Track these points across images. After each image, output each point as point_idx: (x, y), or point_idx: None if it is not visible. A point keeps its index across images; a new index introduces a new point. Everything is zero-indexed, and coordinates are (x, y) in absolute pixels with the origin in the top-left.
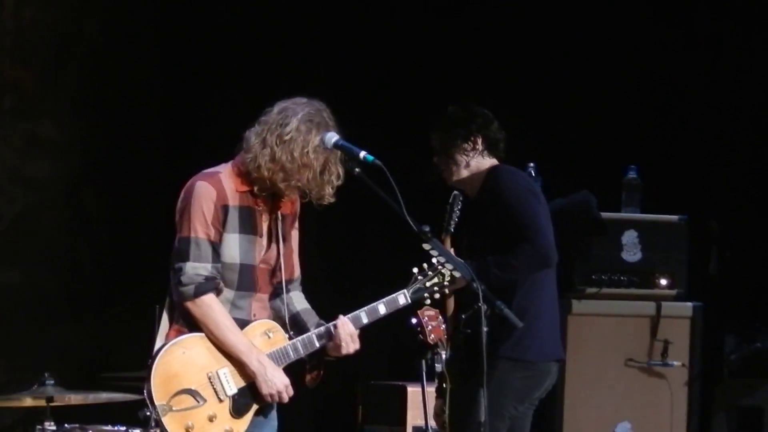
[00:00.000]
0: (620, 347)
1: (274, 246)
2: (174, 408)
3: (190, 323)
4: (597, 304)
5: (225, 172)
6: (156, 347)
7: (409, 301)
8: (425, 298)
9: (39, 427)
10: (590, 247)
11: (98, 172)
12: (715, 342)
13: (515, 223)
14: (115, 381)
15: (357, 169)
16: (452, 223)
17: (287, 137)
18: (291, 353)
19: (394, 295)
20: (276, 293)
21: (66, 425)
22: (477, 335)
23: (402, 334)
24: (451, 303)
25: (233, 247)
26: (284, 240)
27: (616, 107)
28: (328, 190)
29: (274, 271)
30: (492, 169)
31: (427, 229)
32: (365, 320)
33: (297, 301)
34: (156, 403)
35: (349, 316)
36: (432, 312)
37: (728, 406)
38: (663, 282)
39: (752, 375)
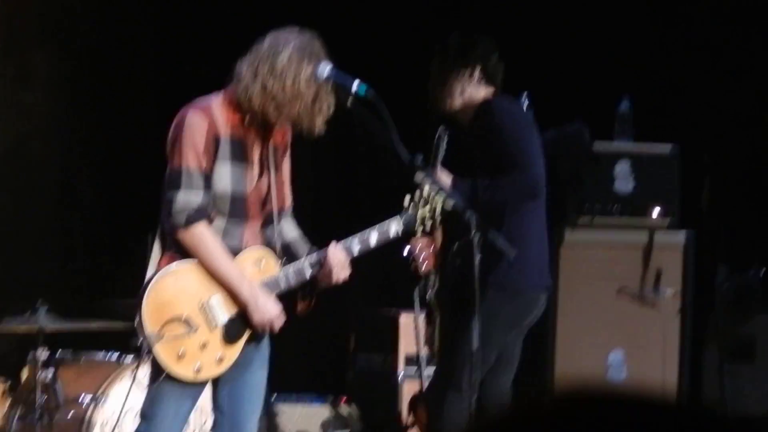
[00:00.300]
0: (613, 276)
1: (265, 175)
2: (165, 336)
3: (182, 251)
4: (590, 234)
5: (216, 102)
6: (148, 275)
7: (401, 229)
8: (417, 227)
9: (31, 353)
10: (583, 177)
11: (90, 100)
12: (708, 271)
13: (507, 152)
14: (108, 308)
15: (350, 100)
16: (438, 157)
17: (279, 68)
18: (282, 282)
19: (386, 223)
20: (268, 222)
21: (59, 352)
22: (468, 264)
23: (395, 262)
24: (439, 233)
25: (225, 176)
26: (276, 169)
27: (610, 35)
28: (319, 121)
29: (265, 200)
30: (486, 99)
31: (420, 159)
32: (357, 248)
33: (288, 229)
34: (147, 331)
35: (341, 244)
36: (425, 240)
37: (720, 334)
38: (655, 211)
39: (744, 303)
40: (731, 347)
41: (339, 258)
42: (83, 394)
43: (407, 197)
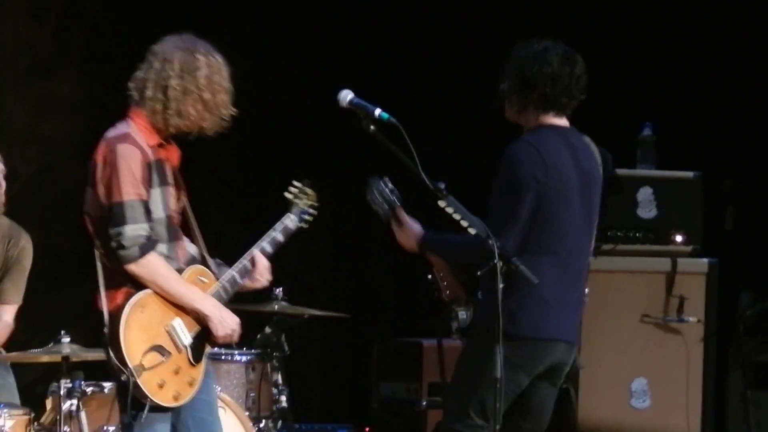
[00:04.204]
0: (636, 304)
1: (180, 194)
2: (146, 366)
3: (137, 284)
4: (613, 261)
5: (132, 130)
6: (107, 313)
7: (298, 222)
8: (307, 220)
9: (54, 384)
10: (606, 204)
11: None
12: (731, 298)
13: (491, 204)
14: None
15: (372, 127)
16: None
17: (203, 79)
18: (223, 294)
19: (282, 220)
20: (188, 239)
21: (82, 382)
22: (491, 291)
23: (417, 291)
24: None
25: (157, 200)
26: (183, 188)
27: (632, 63)
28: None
29: (183, 218)
30: (535, 127)
31: (443, 186)
32: (270, 248)
33: (191, 246)
34: (130, 365)
35: (257, 249)
36: (448, 268)
37: (743, 362)
38: (678, 238)
39: (767, 331)
40: (754, 375)
41: (263, 262)
42: (107, 425)
43: (287, 194)
